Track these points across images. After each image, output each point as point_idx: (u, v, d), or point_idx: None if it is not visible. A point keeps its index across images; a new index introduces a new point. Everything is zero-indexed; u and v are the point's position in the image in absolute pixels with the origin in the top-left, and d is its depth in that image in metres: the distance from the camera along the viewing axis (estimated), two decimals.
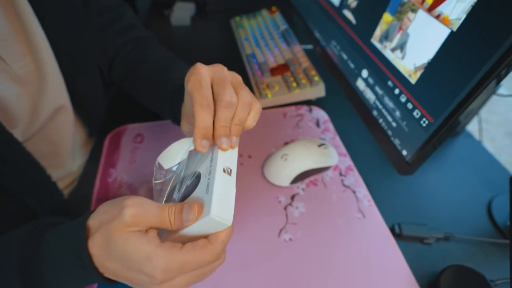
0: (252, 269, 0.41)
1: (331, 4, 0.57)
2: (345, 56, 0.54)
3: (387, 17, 0.42)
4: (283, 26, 0.78)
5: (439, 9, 0.34)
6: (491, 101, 0.66)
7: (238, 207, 0.27)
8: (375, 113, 0.47)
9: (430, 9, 0.36)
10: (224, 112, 0.28)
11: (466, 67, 0.32)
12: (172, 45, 0.58)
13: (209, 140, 0.28)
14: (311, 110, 0.64)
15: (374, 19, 0.45)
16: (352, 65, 0.52)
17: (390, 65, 0.42)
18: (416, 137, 0.39)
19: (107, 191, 0.49)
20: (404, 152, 0.42)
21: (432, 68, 0.36)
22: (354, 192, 0.50)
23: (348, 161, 0.54)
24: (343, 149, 0.56)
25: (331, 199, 0.49)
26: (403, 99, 0.40)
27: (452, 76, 0.33)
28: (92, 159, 0.55)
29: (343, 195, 0.49)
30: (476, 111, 0.62)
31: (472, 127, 0.64)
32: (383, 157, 0.47)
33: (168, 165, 0.31)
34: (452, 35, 0.33)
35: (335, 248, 0.43)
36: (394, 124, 0.43)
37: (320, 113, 0.63)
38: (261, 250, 0.43)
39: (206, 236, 0.26)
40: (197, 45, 0.84)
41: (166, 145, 0.31)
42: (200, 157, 0.31)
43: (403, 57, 0.40)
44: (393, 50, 0.41)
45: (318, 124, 0.61)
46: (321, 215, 0.47)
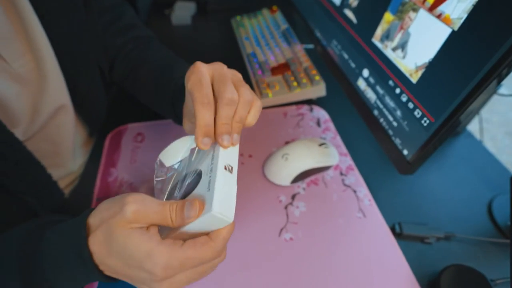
0: (253, 269, 0.41)
1: (332, 4, 0.57)
2: (346, 56, 0.54)
3: (388, 17, 0.42)
4: (284, 26, 0.78)
5: (440, 9, 0.34)
6: (492, 101, 0.66)
7: (239, 207, 0.27)
8: (376, 113, 0.47)
9: (431, 9, 0.36)
10: (226, 110, 0.28)
11: (467, 67, 0.31)
12: (173, 45, 0.58)
13: (211, 138, 0.28)
14: (312, 110, 0.64)
15: (375, 19, 0.44)
16: (353, 65, 0.52)
17: (391, 65, 0.42)
18: (417, 137, 0.39)
19: (108, 191, 0.49)
20: (405, 152, 0.42)
21: (433, 68, 0.36)
22: (355, 192, 0.50)
23: (349, 161, 0.54)
24: (344, 149, 0.56)
25: (332, 199, 0.49)
26: (404, 99, 0.40)
27: (453, 76, 0.33)
28: (93, 159, 0.55)
29: (344, 195, 0.49)
30: (477, 111, 0.62)
31: (473, 127, 0.64)
32: (384, 157, 0.47)
33: (170, 163, 0.31)
34: (453, 35, 0.33)
35: (336, 248, 0.43)
36: (395, 124, 0.43)
37: (321, 113, 0.63)
38: (262, 250, 0.43)
39: (207, 234, 0.26)
40: (198, 45, 0.84)
41: (167, 144, 0.31)
42: (202, 155, 0.31)
43: (404, 57, 0.40)
44: (394, 50, 0.41)
45: (319, 124, 0.61)
46: (322, 215, 0.47)
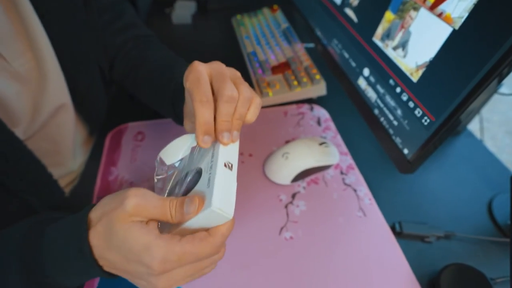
0: (253, 267, 0.41)
1: (333, 3, 0.57)
2: (347, 55, 0.54)
3: (389, 16, 0.42)
4: (284, 24, 0.78)
5: (441, 8, 0.34)
6: (493, 100, 0.66)
7: (239, 206, 0.27)
8: (377, 112, 0.47)
9: (432, 8, 0.36)
10: (226, 107, 0.28)
11: (468, 66, 0.31)
12: (173, 44, 0.58)
13: (211, 136, 0.28)
14: (312, 109, 0.64)
15: (376, 18, 0.44)
16: (354, 64, 0.52)
17: (392, 64, 0.42)
18: (418, 136, 0.39)
19: (108, 189, 0.49)
20: (405, 151, 0.42)
21: (434, 67, 0.36)
22: (355, 191, 0.50)
23: (349, 160, 0.54)
24: (344, 148, 0.56)
25: (332, 198, 0.49)
26: (405, 98, 0.40)
27: (454, 75, 0.33)
28: (93, 157, 0.55)
29: (344, 194, 0.49)
30: (478, 110, 0.62)
31: (473, 126, 0.64)
32: (384, 156, 0.47)
33: (170, 161, 0.31)
34: (454, 34, 0.33)
35: (336, 246, 0.43)
36: (396, 123, 0.43)
37: (321, 112, 0.63)
38: (262, 248, 0.43)
39: (207, 230, 0.27)
40: (198, 44, 0.84)
41: (167, 143, 0.31)
42: (202, 153, 0.31)
43: (405, 56, 0.40)
44: (395, 49, 0.41)
45: (319, 123, 0.61)
46: (322, 214, 0.47)
